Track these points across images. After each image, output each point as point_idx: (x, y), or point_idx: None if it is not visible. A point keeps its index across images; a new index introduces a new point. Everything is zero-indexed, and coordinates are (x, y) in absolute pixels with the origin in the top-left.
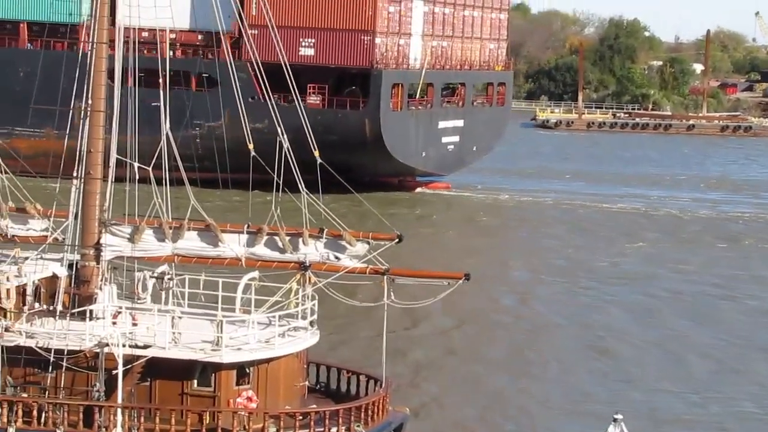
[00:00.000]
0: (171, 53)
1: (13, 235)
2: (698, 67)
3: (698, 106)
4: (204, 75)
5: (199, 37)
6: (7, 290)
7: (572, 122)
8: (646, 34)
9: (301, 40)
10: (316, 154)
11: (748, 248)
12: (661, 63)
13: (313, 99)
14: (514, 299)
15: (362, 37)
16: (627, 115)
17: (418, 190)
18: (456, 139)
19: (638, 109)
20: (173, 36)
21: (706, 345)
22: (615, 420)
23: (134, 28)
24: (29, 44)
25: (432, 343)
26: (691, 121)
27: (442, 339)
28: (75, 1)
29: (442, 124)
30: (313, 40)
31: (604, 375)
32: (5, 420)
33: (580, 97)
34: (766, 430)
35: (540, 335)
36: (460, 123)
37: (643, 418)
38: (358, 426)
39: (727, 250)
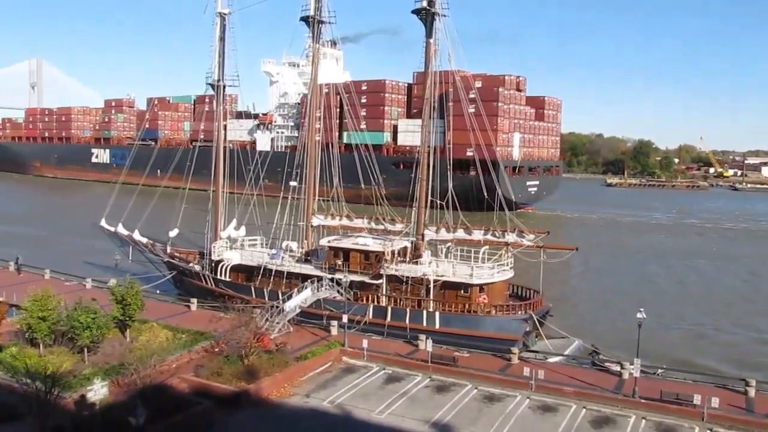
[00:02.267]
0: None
1: (389, 231)
2: (676, 160)
3: (677, 177)
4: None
5: (429, 148)
6: (388, 252)
7: (622, 184)
8: (653, 146)
9: (467, 149)
10: (513, 197)
11: (705, 237)
12: (659, 158)
13: (472, 172)
14: (591, 259)
15: (493, 147)
16: (645, 181)
17: (520, 210)
18: (535, 188)
19: (651, 178)
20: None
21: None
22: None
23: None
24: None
25: (564, 277)
26: (674, 183)
27: (569, 275)
28: (381, 134)
29: (528, 183)
30: (473, 148)
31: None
32: (386, 303)
33: (625, 173)
34: None
35: (616, 274)
36: (537, 182)
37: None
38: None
39: (683, 237)
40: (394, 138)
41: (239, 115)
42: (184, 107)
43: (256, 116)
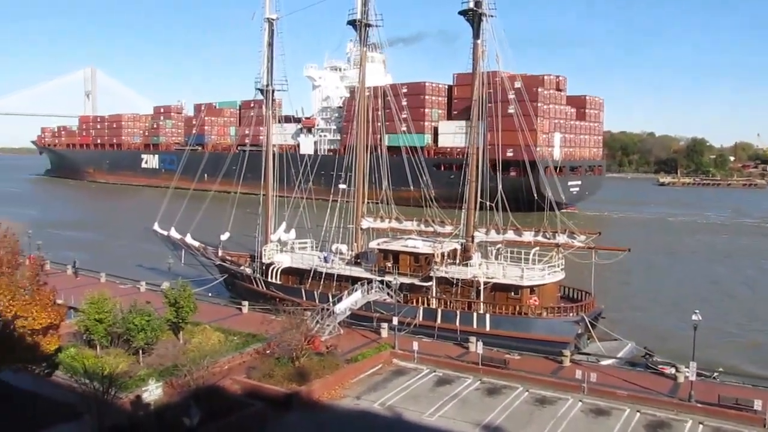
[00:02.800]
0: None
1: (439, 233)
2: (732, 158)
3: (732, 175)
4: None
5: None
6: (438, 254)
7: (675, 183)
8: (707, 144)
9: (507, 150)
10: (563, 198)
11: (765, 238)
12: (714, 156)
13: (512, 173)
14: (643, 260)
15: (532, 148)
16: (699, 180)
17: (563, 210)
18: (577, 188)
19: (705, 176)
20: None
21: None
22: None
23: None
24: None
25: (616, 278)
26: (729, 182)
27: (622, 276)
28: (422, 137)
29: (570, 183)
30: (512, 149)
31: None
32: (436, 305)
33: (678, 172)
34: None
35: (669, 275)
36: (579, 182)
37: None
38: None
39: (739, 237)
40: (435, 140)
41: (287, 119)
42: (230, 112)
43: (298, 120)
